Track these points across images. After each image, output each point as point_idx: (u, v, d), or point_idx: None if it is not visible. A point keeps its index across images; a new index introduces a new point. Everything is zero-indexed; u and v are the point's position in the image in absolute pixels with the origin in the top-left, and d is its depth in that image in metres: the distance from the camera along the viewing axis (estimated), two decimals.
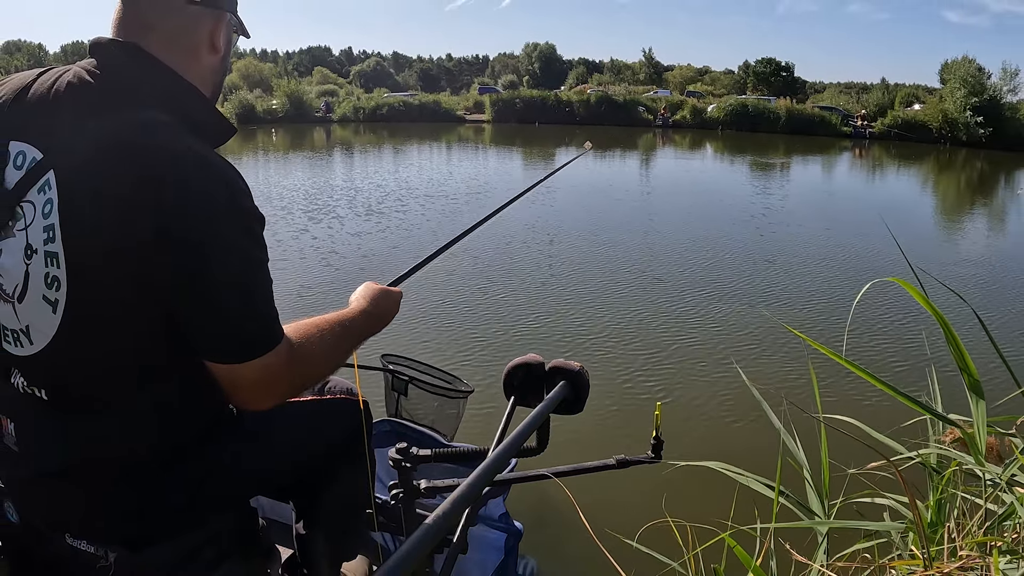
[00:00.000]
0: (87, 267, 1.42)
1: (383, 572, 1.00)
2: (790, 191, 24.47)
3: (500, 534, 3.32)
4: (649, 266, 12.12)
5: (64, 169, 1.42)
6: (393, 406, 3.40)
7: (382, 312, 1.97)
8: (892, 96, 63.08)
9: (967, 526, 1.76)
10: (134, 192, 1.36)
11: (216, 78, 1.74)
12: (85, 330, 1.47)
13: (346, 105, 58.88)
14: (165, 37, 1.59)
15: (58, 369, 1.52)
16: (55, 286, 1.44)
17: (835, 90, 77.01)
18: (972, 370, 1.99)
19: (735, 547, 1.88)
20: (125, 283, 1.41)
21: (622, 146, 39.44)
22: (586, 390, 1.89)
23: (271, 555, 2.15)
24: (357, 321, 1.85)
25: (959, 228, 19.06)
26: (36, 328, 1.49)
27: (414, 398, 3.35)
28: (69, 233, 1.41)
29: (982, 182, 31.08)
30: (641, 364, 7.62)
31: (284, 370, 1.52)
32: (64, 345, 1.48)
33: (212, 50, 1.68)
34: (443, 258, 2.53)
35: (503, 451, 1.46)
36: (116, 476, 1.59)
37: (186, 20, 1.61)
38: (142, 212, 1.36)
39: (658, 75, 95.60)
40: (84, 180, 1.40)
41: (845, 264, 12.64)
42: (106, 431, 1.55)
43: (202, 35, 1.65)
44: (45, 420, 1.57)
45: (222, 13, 1.67)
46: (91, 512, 1.61)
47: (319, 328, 1.69)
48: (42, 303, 1.46)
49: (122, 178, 1.37)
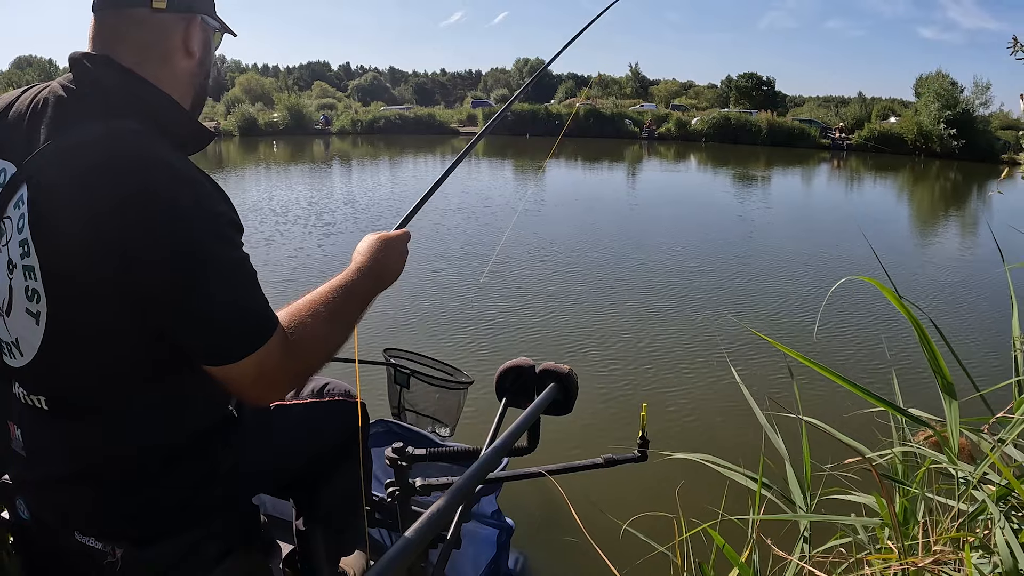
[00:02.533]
0: (62, 280, 1.40)
1: (380, 567, 1.00)
2: (771, 201, 24.52)
3: (492, 530, 3.33)
4: (636, 273, 12.14)
5: (35, 183, 1.39)
6: (396, 398, 3.39)
7: (385, 265, 1.82)
8: (869, 109, 63.43)
9: (940, 522, 1.76)
10: (102, 204, 1.32)
11: (196, 81, 1.68)
12: (68, 341, 1.45)
13: (344, 118, 59.06)
14: (136, 47, 1.54)
15: (50, 379, 1.51)
16: (35, 299, 1.42)
17: (814, 103, 77.40)
18: (945, 372, 2.00)
19: (717, 539, 1.89)
20: (102, 295, 1.37)
21: (610, 158, 39.51)
22: (575, 392, 1.90)
23: (272, 550, 2.15)
24: (357, 283, 1.72)
25: (932, 235, 19.13)
26: (24, 340, 1.48)
27: (416, 390, 3.34)
28: (42, 247, 1.39)
29: (955, 191, 31.19)
30: (627, 367, 7.63)
31: (279, 361, 1.46)
32: (51, 356, 1.47)
33: (186, 55, 1.62)
34: (442, 267, 2.52)
35: (495, 450, 1.47)
36: (119, 478, 1.59)
37: (155, 28, 1.55)
38: (111, 224, 1.31)
39: (644, 89, 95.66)
40: (53, 194, 1.38)
41: (822, 270, 12.65)
42: (106, 436, 1.54)
43: (174, 41, 1.59)
44: (47, 427, 1.57)
45: (192, 16, 1.60)
46: (98, 511, 1.61)
47: (314, 305, 1.59)
48: (26, 316, 1.45)
49: (90, 191, 1.33)
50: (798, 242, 15.66)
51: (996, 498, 1.63)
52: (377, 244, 1.84)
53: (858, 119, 57.87)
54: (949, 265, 14.14)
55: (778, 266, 13.00)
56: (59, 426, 1.55)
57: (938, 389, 2.03)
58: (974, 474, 1.73)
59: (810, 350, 7.69)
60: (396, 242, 1.87)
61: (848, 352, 7.79)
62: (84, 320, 1.42)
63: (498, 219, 17.21)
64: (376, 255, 1.81)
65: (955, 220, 22.24)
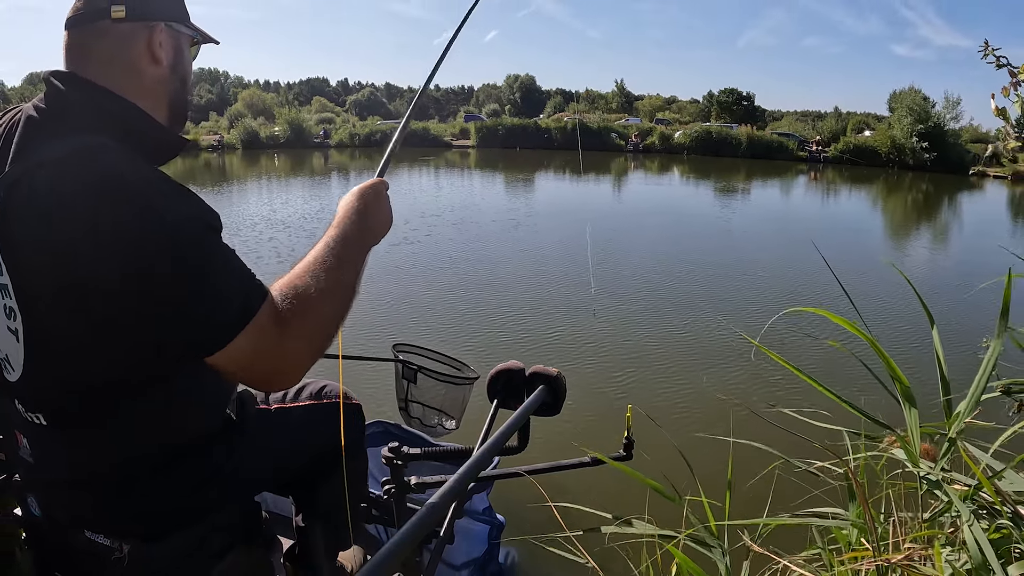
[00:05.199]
0: (33, 296, 1.37)
1: (376, 561, 1.00)
2: (749, 211, 24.59)
3: (484, 526, 3.34)
4: (621, 279, 12.17)
5: (4, 202, 1.36)
6: (403, 393, 3.36)
7: (368, 216, 1.70)
8: (845, 123, 63.69)
9: (908, 522, 1.77)
10: (64, 222, 1.29)
11: (167, 88, 1.62)
12: (48, 355, 1.43)
13: (342, 132, 59.15)
14: (102, 60, 1.51)
15: (41, 392, 1.49)
16: (12, 316, 1.41)
17: (792, 118, 77.64)
18: (903, 380, 2.01)
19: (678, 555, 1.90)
20: (74, 310, 1.33)
21: (596, 170, 39.56)
22: (563, 394, 1.90)
23: (273, 545, 2.15)
24: (343, 241, 1.59)
25: (905, 242, 19.19)
26: (12, 357, 1.47)
27: (423, 385, 3.32)
28: (13, 265, 1.37)
29: (927, 202, 31.30)
30: (614, 370, 7.64)
31: (275, 336, 1.39)
32: (36, 370, 1.45)
33: (152, 61, 1.56)
34: (440, 282, 2.53)
35: (487, 450, 1.47)
36: (122, 482, 1.59)
37: (118, 38, 1.51)
38: (75, 242, 1.28)
39: (629, 104, 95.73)
40: (18, 213, 1.35)
41: (796, 281, 12.70)
42: (104, 445, 1.54)
43: (138, 50, 1.54)
44: (49, 439, 1.56)
45: (154, 24, 1.55)
46: (104, 511, 1.62)
47: (303, 273, 1.50)
48: (8, 334, 1.44)
49: (51, 208, 1.31)
50: (775, 253, 15.73)
51: (963, 497, 1.64)
52: (353, 198, 1.73)
53: (834, 132, 58.07)
54: (917, 275, 14.19)
55: (759, 276, 13.07)
56: (59, 438, 1.55)
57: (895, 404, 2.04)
58: (936, 472, 1.74)
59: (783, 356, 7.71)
60: (371, 192, 1.76)
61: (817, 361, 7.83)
62: (58, 335, 1.39)
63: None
64: (356, 206, 1.70)
65: (926, 229, 22.31)
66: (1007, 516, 1.56)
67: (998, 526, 1.55)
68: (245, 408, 1.91)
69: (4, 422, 1.68)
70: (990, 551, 1.45)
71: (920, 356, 7.49)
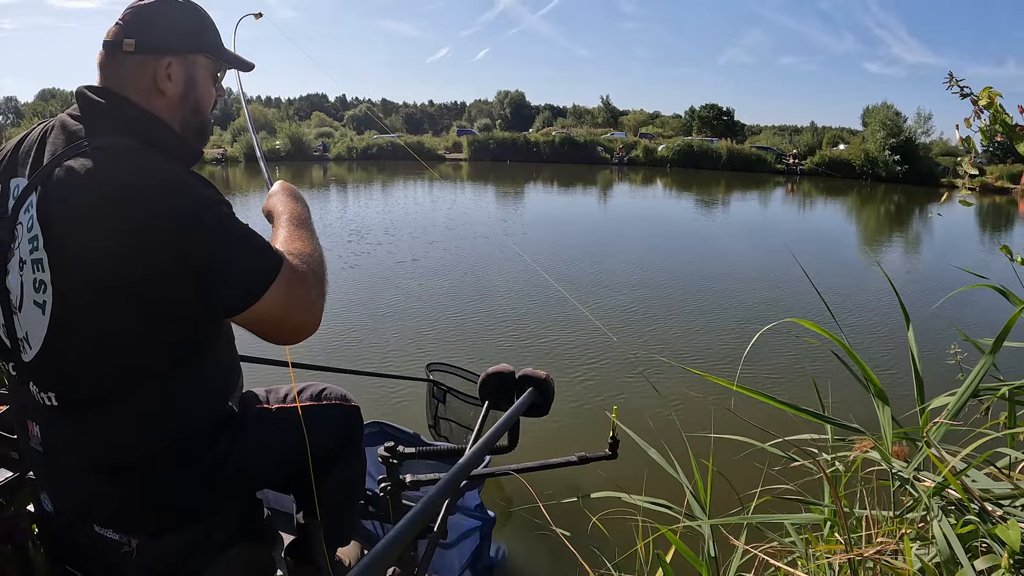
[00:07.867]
0: (66, 269, 1.44)
1: (373, 555, 1.00)
2: (729, 221, 24.66)
3: (476, 522, 3.33)
4: (608, 287, 12.18)
5: (41, 189, 1.47)
6: (432, 410, 3.36)
7: (299, 200, 1.97)
8: (820, 137, 63.95)
9: (881, 519, 1.78)
10: (96, 208, 1.39)
11: (176, 116, 1.70)
12: (72, 329, 1.48)
13: (340, 145, 58.97)
14: (125, 80, 1.63)
15: (55, 370, 1.53)
16: (42, 289, 1.46)
17: (770, 132, 77.82)
18: (876, 382, 2.02)
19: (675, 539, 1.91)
20: (103, 286, 1.41)
21: (583, 182, 39.62)
22: (551, 395, 1.90)
23: (275, 541, 2.16)
24: (299, 217, 1.86)
25: (877, 252, 19.24)
26: (32, 333, 1.51)
27: (452, 406, 3.32)
28: (48, 240, 1.45)
29: (899, 212, 31.44)
30: (601, 373, 7.65)
31: (299, 283, 1.54)
32: (55, 345, 1.49)
33: (158, 93, 1.65)
34: (438, 297, 2.53)
35: (478, 449, 1.47)
36: (132, 473, 1.60)
37: (132, 67, 1.63)
38: (107, 224, 1.38)
39: (614, 119, 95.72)
40: (56, 198, 1.45)
41: (773, 291, 12.74)
42: (114, 430, 1.56)
43: (147, 80, 1.64)
44: (61, 423, 1.59)
45: (160, 58, 1.64)
46: (113, 505, 1.63)
47: (291, 238, 1.72)
48: (33, 308, 1.49)
49: (86, 195, 1.41)
50: (754, 263, 15.74)
51: (931, 494, 1.65)
52: (285, 194, 1.96)
53: (810, 146, 58.45)
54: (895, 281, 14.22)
55: (737, 287, 13.09)
56: (71, 422, 1.57)
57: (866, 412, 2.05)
58: (908, 471, 1.75)
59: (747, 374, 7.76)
60: (288, 187, 2.01)
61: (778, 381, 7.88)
62: (86, 308, 1.45)
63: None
64: (290, 194, 1.96)
65: (899, 239, 22.39)
66: (974, 512, 1.57)
67: (966, 521, 1.55)
68: (248, 408, 1.93)
69: (17, 415, 1.70)
70: (957, 545, 1.46)
71: (894, 360, 7.51)
